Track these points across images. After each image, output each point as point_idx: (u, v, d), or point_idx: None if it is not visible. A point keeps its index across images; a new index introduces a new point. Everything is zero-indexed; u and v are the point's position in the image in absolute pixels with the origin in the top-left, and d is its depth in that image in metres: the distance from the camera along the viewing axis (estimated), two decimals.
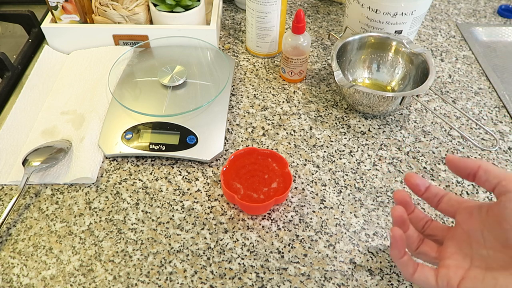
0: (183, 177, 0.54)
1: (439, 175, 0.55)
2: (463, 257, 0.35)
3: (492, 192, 0.33)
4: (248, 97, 0.65)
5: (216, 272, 0.45)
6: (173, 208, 0.51)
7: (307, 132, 0.60)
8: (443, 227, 0.39)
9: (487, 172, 0.33)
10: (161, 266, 0.46)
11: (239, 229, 0.49)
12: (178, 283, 0.45)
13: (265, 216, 0.50)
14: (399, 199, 0.39)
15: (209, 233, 0.49)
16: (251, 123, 0.61)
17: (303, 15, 0.60)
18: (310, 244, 0.48)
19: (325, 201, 0.52)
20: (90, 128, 0.57)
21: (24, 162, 0.52)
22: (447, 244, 0.37)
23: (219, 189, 0.53)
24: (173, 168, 0.55)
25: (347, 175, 0.55)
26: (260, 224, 0.50)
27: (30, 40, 0.72)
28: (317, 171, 0.55)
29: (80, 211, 0.50)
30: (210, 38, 0.68)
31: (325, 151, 0.58)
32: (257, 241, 0.48)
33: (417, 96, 0.56)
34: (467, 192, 0.53)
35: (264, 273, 0.45)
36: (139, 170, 0.55)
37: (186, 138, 0.55)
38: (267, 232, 0.49)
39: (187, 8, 0.67)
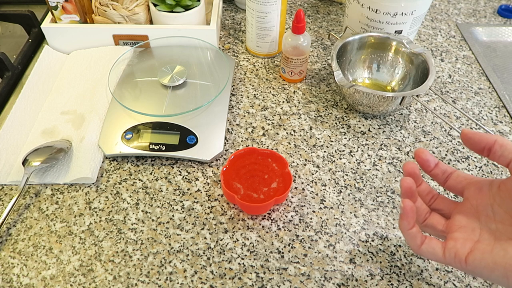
0: (183, 177, 0.54)
1: None
2: (471, 230, 0.35)
3: (507, 167, 0.33)
4: (248, 97, 0.65)
5: (216, 272, 0.45)
6: (173, 208, 0.51)
7: (307, 132, 0.60)
8: (450, 201, 0.39)
9: (503, 146, 0.33)
10: (161, 266, 0.46)
11: (239, 229, 0.49)
12: (178, 283, 0.45)
13: (265, 216, 0.50)
14: (408, 170, 0.38)
15: (209, 233, 0.49)
16: (251, 123, 0.61)
17: (303, 15, 0.60)
18: (310, 244, 0.48)
19: (325, 201, 0.52)
20: (90, 128, 0.57)
21: (24, 162, 0.52)
22: (455, 217, 0.37)
23: (219, 189, 0.53)
24: (173, 168, 0.55)
25: (347, 175, 0.55)
26: (260, 224, 0.50)
27: (30, 40, 0.72)
28: (317, 171, 0.55)
29: (80, 211, 0.50)
30: (210, 38, 0.68)
31: (325, 151, 0.58)
32: (257, 241, 0.48)
33: (417, 96, 0.56)
34: None
35: (264, 273, 0.45)
36: (139, 170, 0.55)
37: (186, 138, 0.55)
38: (267, 232, 0.49)
39: (187, 8, 0.67)
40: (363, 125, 0.61)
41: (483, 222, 0.35)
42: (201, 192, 0.53)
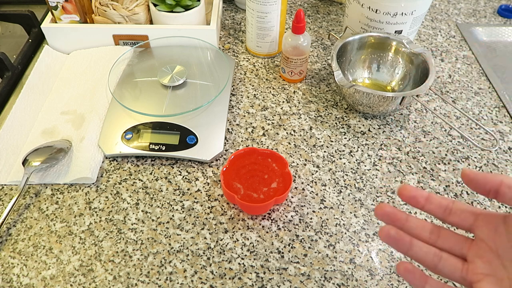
0: (183, 177, 0.54)
1: (439, 175, 0.55)
2: (499, 282, 0.30)
3: None
4: (248, 97, 0.65)
5: (216, 272, 0.45)
6: (173, 208, 0.51)
7: (307, 132, 0.60)
8: (460, 239, 0.32)
9: (511, 188, 0.29)
10: (161, 266, 0.46)
11: (239, 229, 0.49)
12: (178, 283, 0.45)
13: (265, 216, 0.50)
14: (380, 214, 0.32)
15: (209, 233, 0.49)
16: (251, 123, 0.61)
17: (303, 15, 0.60)
18: (310, 244, 0.48)
19: (325, 201, 0.52)
20: (90, 128, 0.57)
21: (24, 162, 0.52)
22: (475, 262, 0.31)
23: (219, 189, 0.53)
24: (173, 168, 0.55)
25: (347, 175, 0.55)
26: (260, 224, 0.50)
27: (30, 40, 0.72)
28: (317, 171, 0.55)
29: (80, 211, 0.50)
30: (210, 38, 0.68)
31: (325, 151, 0.58)
32: (257, 241, 0.48)
33: (417, 96, 0.56)
34: (467, 192, 0.53)
35: (264, 273, 0.45)
36: (139, 170, 0.55)
37: (186, 138, 0.55)
38: (267, 232, 0.49)
39: (187, 8, 0.67)
40: (363, 125, 0.61)
41: (510, 269, 0.29)
42: (201, 192, 0.53)
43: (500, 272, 0.30)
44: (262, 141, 0.59)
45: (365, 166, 0.56)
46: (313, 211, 0.51)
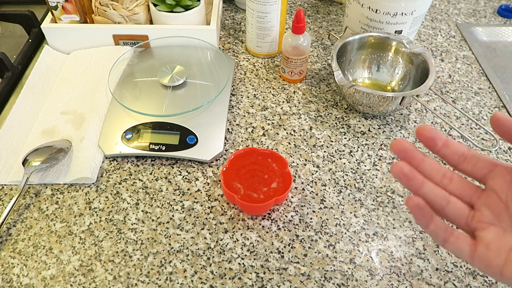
0: (183, 177, 0.54)
1: None
2: (503, 232, 0.29)
3: None
4: (248, 97, 0.65)
5: (216, 272, 0.45)
6: (173, 208, 0.51)
7: (307, 132, 0.60)
8: (472, 187, 0.32)
9: None
10: (161, 266, 0.46)
11: (239, 229, 0.49)
12: (178, 283, 0.45)
13: (265, 216, 0.50)
14: (397, 149, 0.31)
15: (209, 233, 0.49)
16: (251, 123, 0.61)
17: (303, 15, 0.60)
18: (310, 244, 0.48)
19: (325, 201, 0.52)
20: (90, 128, 0.57)
21: (24, 162, 0.52)
22: (482, 211, 0.31)
23: (219, 189, 0.53)
24: (173, 168, 0.55)
25: (347, 175, 0.55)
26: (260, 224, 0.50)
27: (30, 40, 0.72)
28: (317, 171, 0.55)
29: (80, 211, 0.50)
30: (210, 38, 0.68)
31: (325, 151, 0.58)
32: (257, 241, 0.48)
33: (417, 96, 0.56)
34: None
35: (264, 273, 0.45)
36: (139, 170, 0.55)
37: (186, 138, 0.55)
38: (267, 232, 0.49)
39: (187, 8, 0.67)
40: (363, 125, 0.61)
41: None
42: (201, 192, 0.53)
43: (505, 224, 0.30)
44: (262, 141, 0.59)
45: (365, 166, 0.56)
46: (313, 211, 0.51)
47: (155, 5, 0.67)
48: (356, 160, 0.57)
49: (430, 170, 0.32)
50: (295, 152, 0.58)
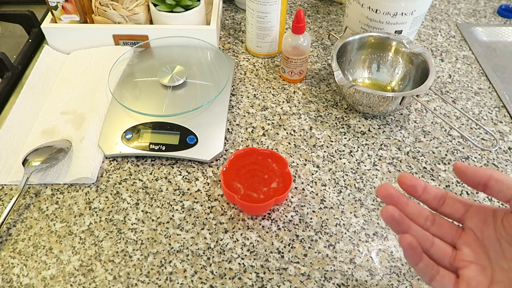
0: (183, 177, 0.54)
1: (439, 175, 0.55)
2: (482, 270, 0.31)
3: (507, 203, 0.31)
4: (248, 97, 0.65)
5: (216, 272, 0.45)
6: (173, 208, 0.51)
7: (307, 132, 0.60)
8: (452, 227, 0.34)
9: (499, 182, 0.30)
10: (161, 266, 0.46)
11: (239, 229, 0.49)
12: (178, 283, 0.45)
13: (265, 216, 0.50)
14: (383, 195, 0.33)
15: (209, 233, 0.49)
16: (251, 123, 0.61)
17: (303, 15, 0.60)
18: (310, 244, 0.48)
19: (325, 201, 0.52)
20: (90, 128, 0.57)
21: (24, 162, 0.52)
22: (463, 250, 0.33)
23: (219, 189, 0.53)
24: (173, 168, 0.55)
25: (347, 175, 0.55)
26: (260, 224, 0.50)
27: (30, 40, 0.72)
28: (317, 171, 0.55)
29: (80, 211, 0.50)
30: (210, 38, 0.68)
31: (325, 151, 0.58)
32: (257, 241, 0.48)
33: (417, 96, 0.56)
34: (467, 192, 0.53)
35: (264, 273, 0.45)
36: (139, 170, 0.55)
37: (186, 138, 0.55)
38: (267, 232, 0.49)
39: (187, 8, 0.67)
40: (363, 125, 0.61)
41: (493, 260, 0.31)
42: (201, 192, 0.53)
43: (484, 261, 0.31)
44: (262, 141, 0.59)
45: (365, 166, 0.56)
46: (313, 211, 0.51)
47: (155, 5, 0.67)
48: (356, 160, 0.57)
49: (413, 214, 0.34)
50: (295, 152, 0.58)
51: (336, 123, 0.62)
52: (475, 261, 0.32)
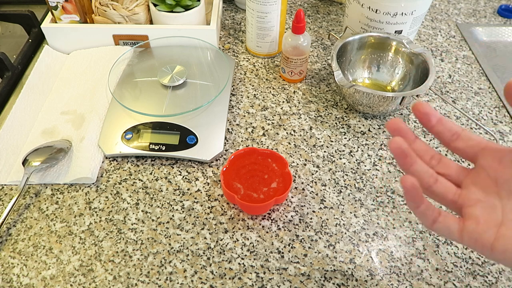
0: (183, 177, 0.54)
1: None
2: (491, 208, 0.29)
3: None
4: (248, 97, 0.65)
5: (216, 272, 0.45)
6: (173, 208, 0.51)
7: (307, 132, 0.60)
8: (459, 167, 0.33)
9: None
10: (161, 266, 0.46)
11: (239, 229, 0.49)
12: (178, 283, 0.45)
13: (265, 216, 0.50)
14: (392, 128, 0.32)
15: (209, 233, 0.49)
16: (251, 123, 0.61)
17: (303, 15, 0.60)
18: (310, 244, 0.48)
19: (325, 201, 0.52)
20: (90, 128, 0.57)
21: (24, 162, 0.52)
22: (470, 189, 0.31)
23: (219, 189, 0.53)
24: (173, 168, 0.55)
25: (347, 175, 0.55)
26: (260, 224, 0.50)
27: (30, 40, 0.72)
28: (317, 171, 0.55)
29: (80, 211, 0.50)
30: (210, 38, 0.68)
31: (325, 151, 0.58)
32: (257, 241, 0.48)
33: (417, 96, 0.56)
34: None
35: (264, 273, 0.45)
36: (139, 170, 0.55)
37: (186, 138, 0.55)
38: (267, 232, 0.49)
39: (187, 8, 0.67)
40: (363, 125, 0.61)
41: (505, 199, 0.29)
42: (201, 192, 0.53)
43: (494, 200, 0.30)
44: (262, 141, 0.59)
45: (365, 166, 0.56)
46: (313, 211, 0.51)
47: (155, 5, 0.67)
48: (356, 160, 0.57)
49: (420, 151, 0.32)
50: (295, 152, 0.58)
51: (336, 123, 0.62)
52: (483, 200, 0.30)
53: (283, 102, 0.65)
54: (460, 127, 0.32)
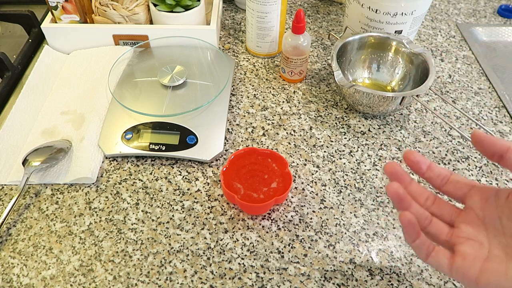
0: (183, 177, 0.54)
1: None
2: (479, 245, 0.32)
3: None
4: (248, 97, 0.65)
5: (216, 272, 0.45)
6: (173, 208, 0.51)
7: (307, 132, 0.60)
8: (451, 207, 0.35)
9: None
10: (161, 266, 0.46)
11: (239, 229, 0.49)
12: (178, 283, 0.45)
13: (265, 216, 0.50)
14: (390, 172, 0.34)
15: (209, 233, 0.49)
16: (251, 123, 0.61)
17: (303, 15, 0.60)
18: (310, 244, 0.48)
19: (325, 201, 0.52)
20: (90, 128, 0.57)
21: (24, 162, 0.52)
22: (460, 227, 0.33)
23: (219, 189, 0.53)
24: (173, 168, 0.55)
25: (347, 175, 0.55)
26: (260, 224, 0.50)
27: (30, 40, 0.72)
28: (317, 171, 0.55)
29: (80, 211, 0.51)
30: (210, 38, 0.68)
31: (325, 151, 0.58)
32: (257, 241, 0.48)
33: (417, 96, 0.56)
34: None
35: (264, 273, 0.45)
36: (139, 170, 0.55)
37: (186, 138, 0.55)
38: (267, 232, 0.49)
39: (187, 8, 0.67)
40: (363, 125, 0.61)
41: (492, 236, 0.32)
42: (201, 192, 0.53)
43: (482, 237, 0.32)
44: (262, 141, 0.59)
45: (365, 166, 0.56)
46: (313, 211, 0.51)
47: (155, 5, 0.67)
48: (356, 160, 0.57)
49: (415, 192, 0.35)
50: (295, 152, 0.58)
51: (336, 123, 0.62)
52: (472, 238, 0.33)
53: (283, 102, 0.65)
54: (449, 171, 0.35)
